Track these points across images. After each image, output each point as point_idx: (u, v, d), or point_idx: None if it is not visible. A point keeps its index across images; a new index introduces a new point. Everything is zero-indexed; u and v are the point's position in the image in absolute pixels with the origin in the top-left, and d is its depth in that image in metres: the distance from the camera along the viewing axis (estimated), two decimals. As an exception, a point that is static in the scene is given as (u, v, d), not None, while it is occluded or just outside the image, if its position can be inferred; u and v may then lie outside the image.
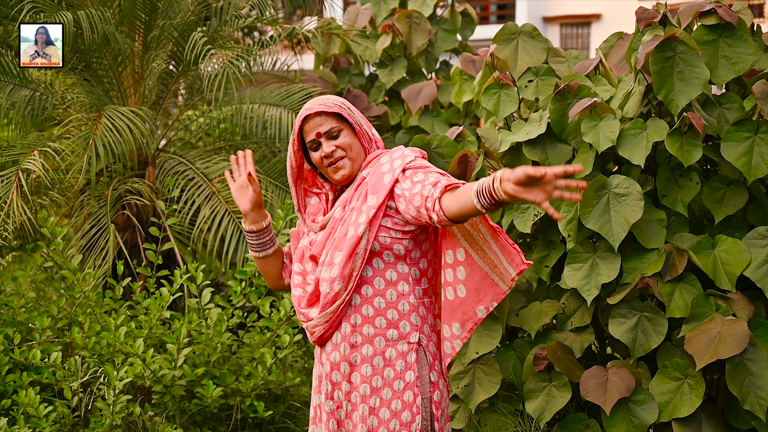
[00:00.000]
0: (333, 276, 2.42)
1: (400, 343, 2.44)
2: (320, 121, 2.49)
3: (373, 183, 2.46)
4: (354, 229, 2.42)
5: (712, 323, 3.20)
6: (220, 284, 5.96)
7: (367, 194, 2.46)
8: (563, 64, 3.95)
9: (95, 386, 3.85)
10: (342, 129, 2.50)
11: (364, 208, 2.43)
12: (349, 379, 2.46)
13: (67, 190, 5.30)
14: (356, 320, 2.44)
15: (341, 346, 2.46)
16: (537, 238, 3.87)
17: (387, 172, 2.45)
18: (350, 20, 6.41)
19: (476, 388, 3.66)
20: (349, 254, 2.40)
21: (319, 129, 2.49)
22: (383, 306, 2.44)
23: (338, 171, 2.50)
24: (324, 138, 2.50)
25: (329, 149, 2.49)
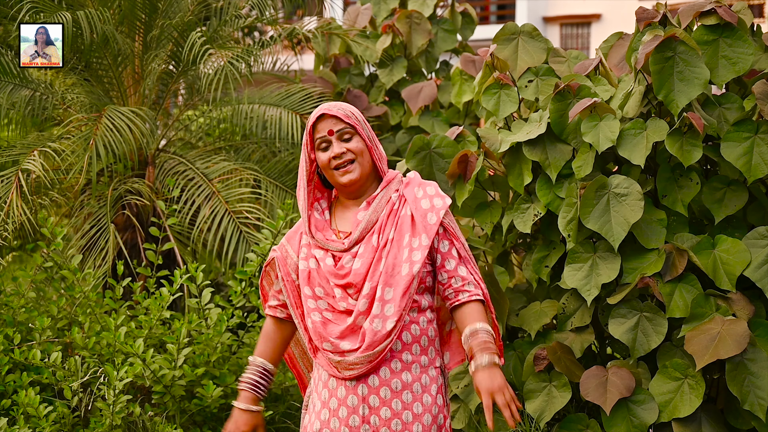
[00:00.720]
0: (388, 315, 2.37)
1: (431, 369, 2.47)
2: (334, 121, 2.47)
3: (419, 220, 2.43)
4: (410, 266, 2.39)
5: (712, 323, 3.20)
6: (220, 284, 5.96)
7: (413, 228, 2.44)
8: (563, 64, 3.95)
9: (95, 386, 3.85)
10: (354, 135, 2.48)
11: (415, 245, 2.42)
12: (390, 405, 2.41)
13: (67, 190, 5.30)
14: (396, 346, 2.43)
15: (381, 370, 2.41)
16: (537, 238, 3.87)
17: (429, 211, 2.45)
18: (350, 20, 6.41)
19: (476, 388, 3.65)
20: (405, 291, 2.38)
21: (333, 127, 2.46)
22: (418, 333, 2.45)
23: (346, 174, 2.46)
24: (336, 137, 2.46)
25: (340, 150, 2.45)
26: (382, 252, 2.42)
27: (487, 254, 4.04)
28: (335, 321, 2.43)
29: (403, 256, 2.41)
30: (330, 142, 2.47)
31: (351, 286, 2.42)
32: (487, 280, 3.69)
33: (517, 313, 3.82)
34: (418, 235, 2.43)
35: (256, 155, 5.85)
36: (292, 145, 5.68)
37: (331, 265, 2.46)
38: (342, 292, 2.43)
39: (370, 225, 2.46)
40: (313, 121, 2.48)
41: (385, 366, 2.41)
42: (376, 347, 2.37)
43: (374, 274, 2.40)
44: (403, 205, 2.47)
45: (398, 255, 2.41)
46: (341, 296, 2.43)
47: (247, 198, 5.06)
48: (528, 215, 3.65)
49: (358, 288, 2.41)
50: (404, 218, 2.45)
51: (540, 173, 3.64)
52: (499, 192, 4.04)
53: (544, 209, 3.60)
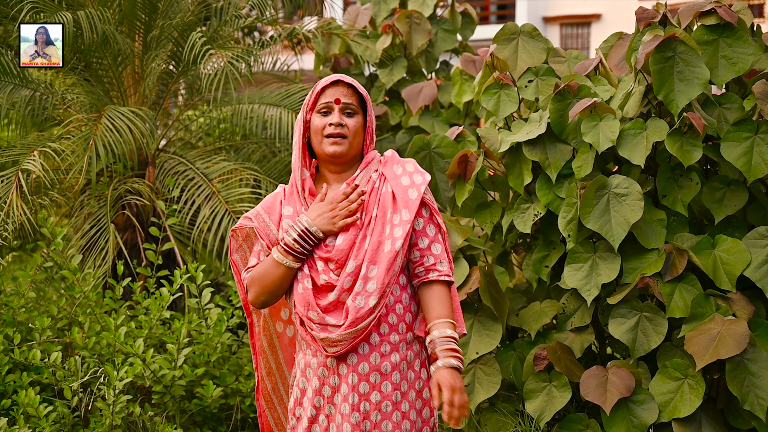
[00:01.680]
0: (370, 291, 2.37)
1: (415, 344, 2.48)
2: (346, 92, 2.47)
3: (400, 196, 2.44)
4: (392, 243, 2.40)
5: (712, 323, 3.20)
6: (220, 284, 5.96)
7: (394, 205, 2.44)
8: (563, 64, 3.95)
9: (95, 386, 3.85)
10: (358, 113, 2.49)
11: (396, 221, 2.42)
12: (380, 388, 2.42)
13: (67, 190, 5.30)
14: (384, 329, 2.43)
15: (371, 356, 2.41)
16: (537, 238, 3.87)
17: (410, 187, 2.46)
18: (350, 20, 6.41)
19: (476, 388, 3.66)
20: (388, 268, 2.38)
21: (341, 96, 2.46)
22: (402, 311, 2.46)
23: (334, 145, 2.44)
24: (339, 108, 2.46)
25: (337, 120, 2.44)
26: (367, 230, 2.43)
27: (487, 254, 4.04)
28: (318, 295, 2.44)
29: (386, 233, 2.42)
30: (332, 110, 2.47)
31: (331, 260, 2.43)
32: (487, 280, 3.69)
33: (517, 313, 3.82)
34: (398, 211, 2.43)
35: (256, 155, 5.85)
36: (292, 145, 5.68)
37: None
38: (324, 266, 2.43)
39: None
40: (324, 84, 2.47)
41: (375, 351, 2.42)
42: (359, 324, 2.37)
43: (359, 252, 2.41)
44: (384, 183, 2.48)
45: (382, 232, 2.42)
46: (323, 269, 2.43)
47: (247, 198, 5.06)
48: (528, 215, 3.65)
49: (339, 264, 2.42)
50: (385, 195, 2.46)
51: (540, 173, 3.64)
52: (499, 192, 4.05)
53: (544, 209, 3.60)
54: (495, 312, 3.66)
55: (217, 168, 5.24)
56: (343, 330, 2.37)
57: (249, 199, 5.06)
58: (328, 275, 2.43)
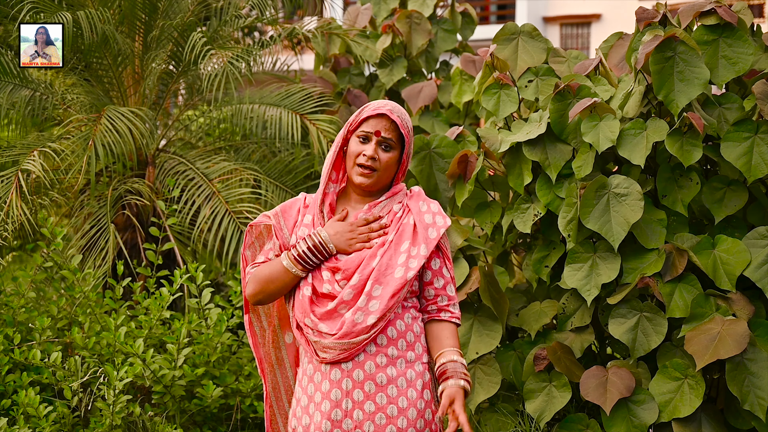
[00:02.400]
0: (371, 310, 2.40)
1: (417, 364, 2.49)
2: (388, 125, 2.48)
3: (420, 231, 2.47)
4: (404, 271, 2.43)
5: (712, 323, 3.20)
6: (220, 284, 5.96)
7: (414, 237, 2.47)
8: (563, 64, 3.95)
9: (95, 386, 3.85)
10: (395, 149, 2.50)
11: (414, 253, 2.45)
12: (374, 399, 2.42)
13: (67, 190, 5.30)
14: (382, 341, 2.45)
15: (366, 364, 2.43)
16: (537, 238, 3.87)
17: (431, 226, 2.49)
18: (350, 20, 6.41)
19: (476, 388, 3.65)
20: (394, 293, 2.41)
21: (383, 130, 2.47)
22: (404, 329, 2.48)
23: (362, 177, 2.48)
24: (377, 140, 2.48)
25: (372, 154, 2.47)
26: (378, 249, 2.46)
27: (487, 254, 4.04)
28: (317, 303, 2.46)
29: (399, 260, 2.45)
30: (370, 140, 2.49)
31: (339, 270, 2.45)
32: (487, 280, 3.69)
33: (517, 313, 3.82)
34: (417, 245, 2.47)
35: (256, 155, 5.85)
36: (292, 145, 5.68)
37: None
38: (330, 276, 2.46)
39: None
40: (370, 113, 2.48)
41: (370, 360, 2.43)
42: (353, 338, 2.39)
43: (366, 268, 2.43)
44: (407, 214, 2.52)
45: (394, 257, 2.45)
46: (328, 279, 2.46)
47: (247, 198, 5.06)
48: (528, 215, 3.65)
49: (346, 276, 2.44)
50: (406, 226, 2.50)
51: (540, 173, 3.64)
52: (499, 192, 4.05)
53: (544, 209, 3.60)
54: (495, 312, 3.66)
55: (217, 168, 5.24)
56: (335, 339, 2.40)
57: (249, 199, 5.06)
58: (332, 285, 2.45)
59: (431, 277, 2.53)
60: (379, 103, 2.50)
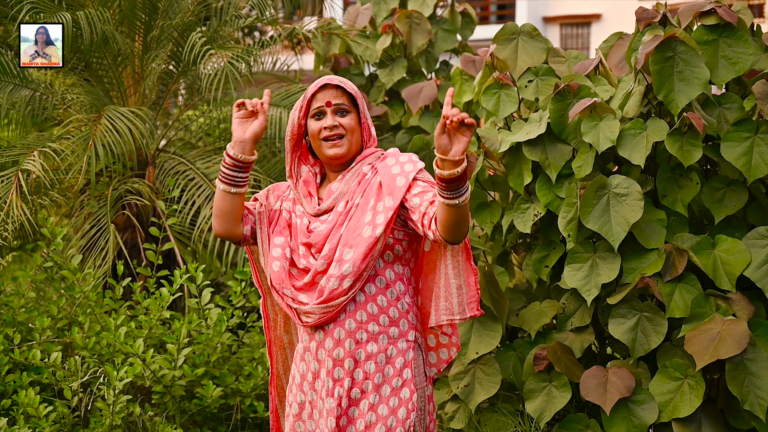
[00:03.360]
0: (345, 273, 2.39)
1: (401, 341, 2.48)
2: (335, 93, 2.49)
3: (386, 184, 2.45)
4: (372, 229, 2.41)
5: (712, 323, 3.20)
6: (220, 284, 5.97)
7: (379, 193, 2.45)
8: (563, 64, 3.95)
9: (95, 386, 3.85)
10: (351, 112, 2.51)
11: (380, 208, 2.43)
12: (352, 375, 2.44)
13: (67, 190, 5.30)
14: (362, 317, 2.44)
15: (346, 342, 2.44)
16: (537, 238, 3.87)
17: (399, 175, 2.46)
18: (350, 20, 6.41)
19: (476, 388, 3.66)
20: (366, 253, 2.40)
21: (331, 98, 2.49)
22: (385, 304, 2.47)
23: (334, 148, 2.48)
24: (332, 110, 2.49)
25: (333, 122, 2.47)
26: (346, 216, 2.47)
27: (487, 254, 4.04)
28: (296, 276, 2.49)
29: (366, 219, 2.43)
30: (325, 113, 2.49)
31: (311, 245, 2.48)
32: (487, 280, 3.69)
33: (517, 313, 3.82)
34: (382, 198, 2.44)
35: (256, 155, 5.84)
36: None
37: (303, 225, 2.53)
38: (305, 250, 2.49)
39: (341, 196, 2.51)
40: (314, 90, 2.50)
41: (350, 338, 2.44)
42: (330, 302, 2.41)
43: (334, 236, 2.45)
44: (374, 174, 2.50)
45: (360, 218, 2.44)
46: (304, 253, 2.49)
47: (247, 198, 5.06)
48: (528, 215, 3.65)
49: (317, 248, 2.47)
50: (372, 184, 2.48)
51: (540, 173, 3.64)
52: (499, 192, 4.04)
53: (544, 209, 3.60)
54: (495, 312, 3.66)
55: (217, 168, 5.24)
56: (314, 304, 2.42)
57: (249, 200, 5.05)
58: (307, 260, 2.48)
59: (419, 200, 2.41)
60: (319, 80, 2.51)
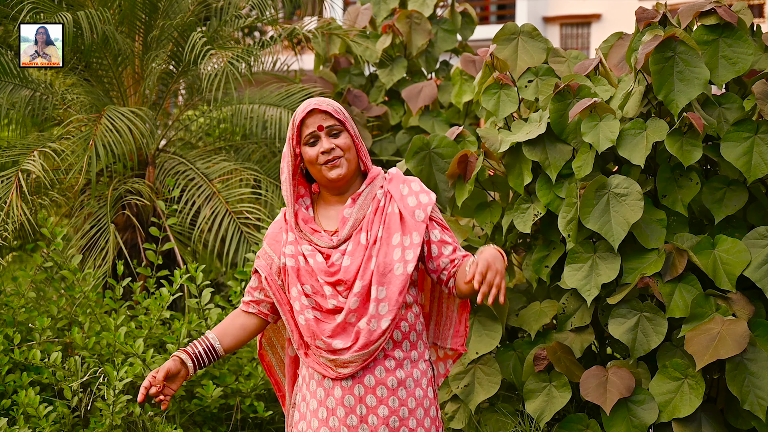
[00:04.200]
0: (382, 313, 2.37)
1: (420, 362, 2.50)
2: (324, 116, 2.46)
3: (407, 218, 2.44)
4: (403, 266, 2.40)
5: (712, 323, 3.20)
6: (220, 284, 5.97)
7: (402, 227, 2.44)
8: (563, 64, 3.95)
9: (95, 386, 3.85)
10: (343, 131, 2.48)
11: (407, 243, 2.42)
12: (387, 403, 2.42)
13: (67, 190, 5.30)
14: (388, 345, 2.44)
15: (376, 369, 2.42)
16: (537, 238, 3.87)
17: (416, 208, 2.47)
18: (350, 20, 6.41)
19: (476, 388, 3.66)
20: (401, 291, 2.39)
21: (323, 123, 2.45)
22: (407, 329, 2.47)
23: (334, 169, 2.44)
24: (325, 133, 2.45)
25: (329, 145, 2.44)
26: (372, 250, 2.42)
27: (487, 254, 4.04)
28: (324, 320, 2.42)
29: (396, 255, 2.41)
30: (319, 138, 2.46)
31: (341, 283, 2.41)
32: (487, 280, 3.69)
33: (517, 313, 3.82)
34: (408, 234, 2.44)
35: (256, 155, 5.85)
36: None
37: (321, 262, 2.43)
38: (332, 290, 2.42)
39: (357, 222, 2.45)
40: (302, 116, 2.47)
41: (380, 365, 2.42)
42: (371, 346, 2.38)
43: (365, 273, 2.40)
44: (390, 202, 2.48)
45: (389, 253, 2.42)
46: (331, 294, 2.42)
47: (247, 198, 5.06)
48: (528, 215, 3.65)
49: (348, 285, 2.41)
50: (391, 216, 2.46)
51: (540, 173, 3.64)
52: (499, 192, 4.04)
53: (544, 209, 3.60)
54: (495, 312, 3.66)
55: (217, 168, 5.24)
56: (354, 352, 2.38)
57: (249, 199, 5.06)
58: (336, 299, 2.41)
59: (438, 249, 2.48)
60: (304, 105, 2.48)
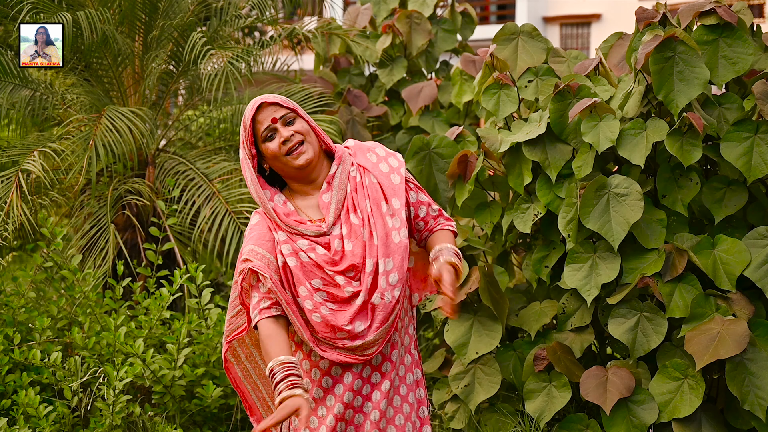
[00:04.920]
0: (393, 283, 2.37)
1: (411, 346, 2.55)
2: (274, 108, 2.43)
3: (386, 185, 2.44)
4: (398, 234, 2.41)
5: (712, 323, 3.20)
6: (220, 284, 5.97)
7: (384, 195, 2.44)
8: (563, 64, 3.95)
9: (95, 386, 3.85)
10: (296, 117, 2.45)
11: (392, 210, 2.43)
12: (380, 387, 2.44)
13: (67, 190, 5.30)
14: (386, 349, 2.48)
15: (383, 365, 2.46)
16: (537, 238, 3.87)
17: (391, 172, 2.47)
18: (350, 20, 6.41)
19: (476, 388, 3.66)
20: (403, 259, 2.41)
21: (275, 115, 2.42)
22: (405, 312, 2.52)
23: (301, 155, 2.40)
24: (280, 123, 2.42)
25: (288, 133, 2.41)
26: (370, 226, 2.40)
27: (487, 254, 4.04)
28: (340, 309, 2.37)
29: (390, 224, 2.42)
30: (276, 130, 2.42)
31: (352, 268, 2.38)
32: (487, 280, 3.69)
33: (517, 313, 3.82)
34: (390, 200, 2.45)
35: (256, 155, 5.84)
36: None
37: (324, 254, 2.38)
38: (344, 278, 2.38)
39: (339, 204, 2.43)
40: (252, 114, 2.43)
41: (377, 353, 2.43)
42: (389, 319, 2.38)
43: (371, 250, 2.38)
44: (365, 174, 2.47)
45: (386, 224, 2.41)
46: (345, 282, 2.37)
47: (247, 198, 5.06)
48: (528, 215, 3.65)
49: (359, 269, 2.38)
50: (371, 187, 2.45)
51: (540, 173, 3.64)
52: (499, 192, 4.05)
53: (544, 209, 3.60)
54: (495, 312, 3.66)
55: (217, 168, 5.24)
56: (376, 330, 2.36)
57: (249, 199, 5.06)
58: (351, 285, 2.37)
59: (416, 211, 2.54)
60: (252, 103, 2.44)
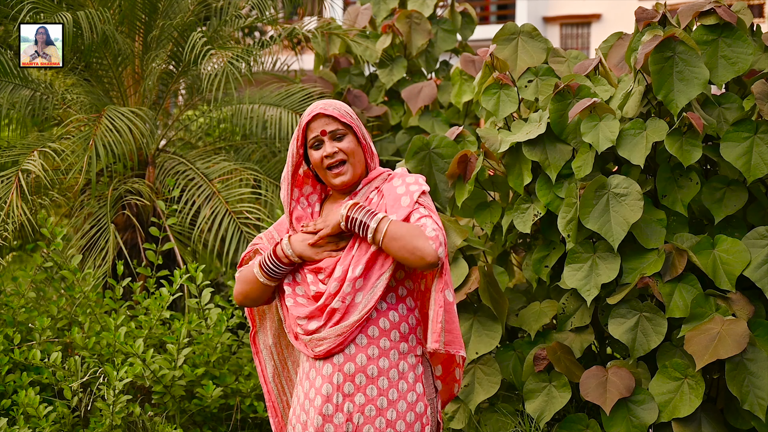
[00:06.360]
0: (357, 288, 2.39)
1: (410, 356, 2.48)
2: (328, 120, 2.48)
3: (390, 204, 2.45)
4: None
5: (712, 323, 3.20)
6: (220, 284, 5.97)
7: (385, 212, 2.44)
8: (563, 64, 3.95)
9: (95, 386, 3.85)
10: (348, 134, 2.49)
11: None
12: (364, 391, 2.42)
13: (67, 190, 5.31)
14: (373, 332, 2.44)
15: (357, 357, 2.42)
16: (537, 238, 3.87)
17: (404, 195, 2.46)
18: (350, 20, 6.41)
19: (476, 388, 3.66)
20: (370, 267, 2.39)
21: (326, 127, 2.47)
22: (397, 319, 2.47)
23: (339, 177, 2.48)
24: (328, 137, 2.47)
25: (332, 149, 2.46)
26: (355, 240, 2.44)
27: (487, 254, 4.04)
28: (306, 305, 2.46)
29: None
30: (322, 141, 2.48)
31: (320, 270, 2.45)
32: (487, 280, 3.69)
33: (517, 313, 3.82)
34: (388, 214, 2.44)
35: (256, 155, 5.85)
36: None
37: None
38: (313, 277, 2.46)
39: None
40: (307, 119, 2.49)
41: (362, 353, 2.42)
42: (342, 322, 2.39)
43: (345, 258, 2.42)
44: (380, 199, 2.49)
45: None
46: (312, 281, 2.46)
47: (247, 198, 5.06)
48: (528, 215, 3.65)
49: (328, 273, 2.44)
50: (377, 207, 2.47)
51: (540, 173, 3.64)
52: (499, 192, 4.05)
53: (543, 209, 3.60)
54: (495, 312, 3.66)
55: (217, 168, 5.24)
56: (329, 328, 2.40)
57: (249, 199, 5.06)
58: (317, 286, 2.45)
59: None
60: (310, 108, 2.51)
